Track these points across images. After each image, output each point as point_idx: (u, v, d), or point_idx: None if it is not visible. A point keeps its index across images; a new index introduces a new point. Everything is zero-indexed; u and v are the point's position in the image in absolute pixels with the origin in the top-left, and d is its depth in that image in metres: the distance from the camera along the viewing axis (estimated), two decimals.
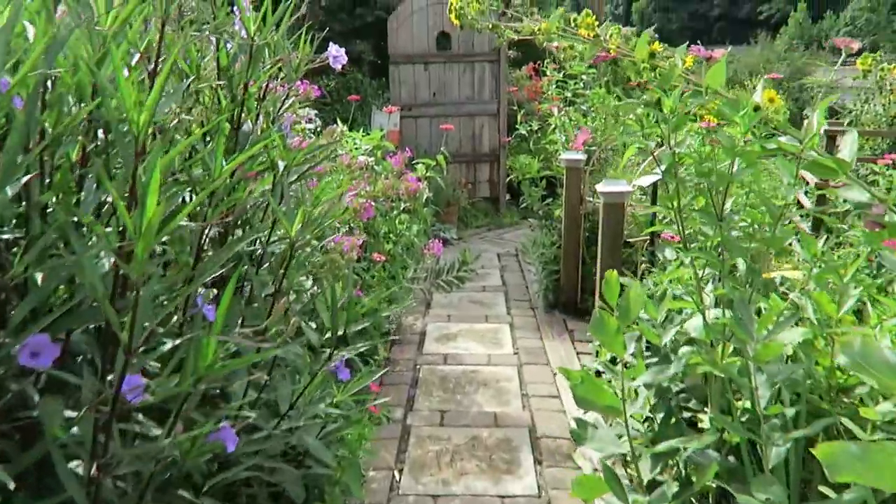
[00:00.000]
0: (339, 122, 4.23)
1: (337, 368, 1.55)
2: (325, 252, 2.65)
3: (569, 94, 4.17)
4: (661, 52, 1.75)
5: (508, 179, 4.67)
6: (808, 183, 3.43)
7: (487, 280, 5.02)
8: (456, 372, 3.43)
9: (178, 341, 1.11)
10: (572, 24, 1.77)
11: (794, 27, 46.99)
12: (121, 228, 1.06)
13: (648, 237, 3.09)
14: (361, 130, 6.38)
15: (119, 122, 1.07)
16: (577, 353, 3.68)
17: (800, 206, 3.20)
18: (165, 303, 1.15)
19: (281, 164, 1.52)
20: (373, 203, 3.07)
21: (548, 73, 4.29)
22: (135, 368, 0.96)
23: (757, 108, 1.66)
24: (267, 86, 1.68)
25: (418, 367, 3.49)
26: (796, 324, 1.62)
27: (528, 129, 4.61)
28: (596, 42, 1.77)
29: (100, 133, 1.23)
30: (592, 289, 4.25)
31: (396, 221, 3.24)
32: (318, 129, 4.39)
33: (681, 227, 1.79)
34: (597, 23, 1.81)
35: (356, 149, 3.35)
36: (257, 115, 1.63)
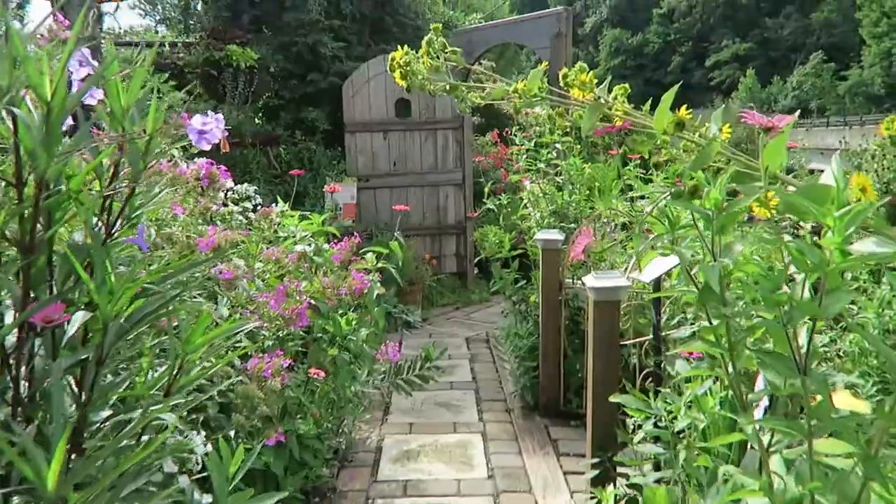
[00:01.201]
0: (278, 200, 3.67)
1: None
2: (242, 379, 2.01)
3: (542, 165, 3.69)
4: (689, 120, 1.23)
5: (478, 260, 4.11)
6: None
7: (455, 374, 4.39)
8: None
9: None
10: (562, 84, 1.25)
11: (744, 91, 49.07)
12: None
13: (649, 337, 2.53)
14: (313, 206, 5.86)
15: None
16: (564, 473, 3.04)
17: None
18: None
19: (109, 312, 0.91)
20: (311, 301, 2.47)
21: (517, 141, 3.82)
22: None
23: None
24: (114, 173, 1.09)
25: (371, 502, 2.81)
26: None
27: (497, 203, 4.12)
28: (596, 106, 1.25)
29: None
30: (578, 386, 3.67)
31: (343, 322, 2.62)
32: (257, 207, 3.82)
33: (730, 367, 1.23)
34: (595, 81, 1.29)
35: (290, 238, 2.77)
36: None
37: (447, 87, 1.40)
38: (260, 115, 6.42)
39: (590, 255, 3.88)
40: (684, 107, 1.20)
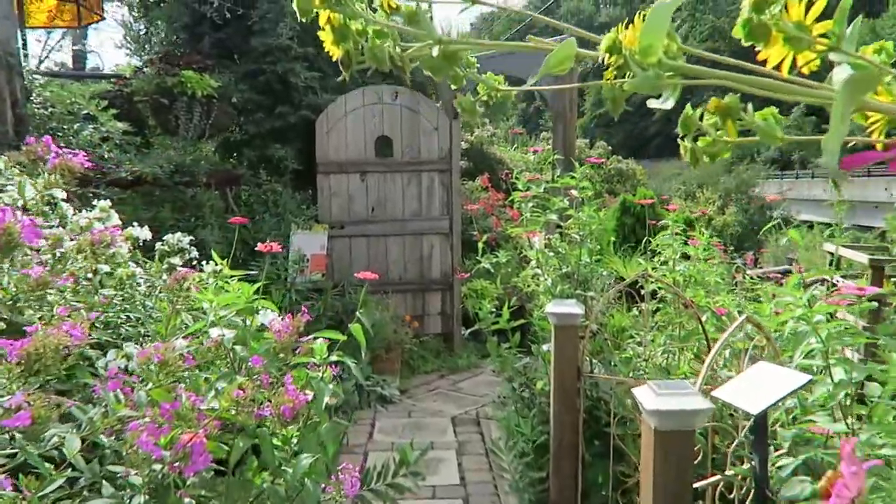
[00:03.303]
0: (210, 261, 2.86)
1: None
2: None
3: (554, 217, 2.92)
4: None
5: (470, 331, 3.29)
6: None
7: (440, 473, 3.51)
8: None
9: None
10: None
11: None
12: None
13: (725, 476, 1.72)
14: (273, 259, 5.02)
15: None
16: None
17: None
18: None
19: None
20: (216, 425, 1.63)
21: (520, 185, 3.06)
22: None
23: None
24: None
25: None
26: None
27: (494, 260, 3.32)
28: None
29: None
30: None
31: (277, 444, 1.77)
32: (194, 262, 2.99)
33: None
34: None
35: (201, 322, 1.94)
36: None
37: (431, 49, 0.61)
38: (219, 151, 5.64)
39: (616, 332, 3.09)
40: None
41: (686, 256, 3.35)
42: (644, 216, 7.59)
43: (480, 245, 3.32)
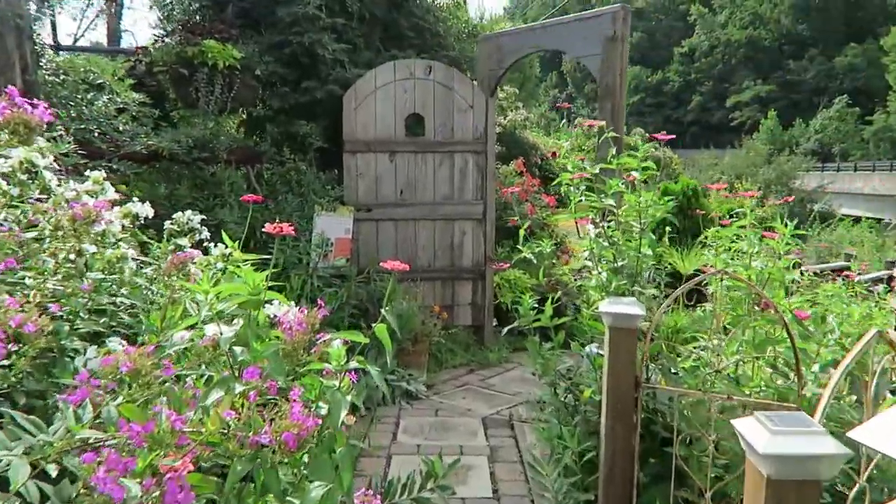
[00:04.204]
0: (218, 243, 2.55)
1: None
2: None
3: (611, 202, 2.54)
4: None
5: (507, 329, 2.96)
6: None
7: (469, 483, 3.18)
8: None
9: None
10: None
11: (765, 133, 48.07)
12: None
13: None
14: (296, 243, 4.71)
15: None
16: None
17: None
18: None
19: None
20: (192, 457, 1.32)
21: (569, 165, 2.68)
22: None
23: None
24: None
25: None
26: None
27: (537, 250, 2.96)
28: None
29: None
30: None
31: (284, 463, 1.45)
32: (205, 245, 2.69)
33: None
34: None
35: (193, 317, 1.62)
36: None
37: None
38: (241, 127, 5.34)
39: (670, 334, 2.71)
40: None
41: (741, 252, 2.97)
42: (689, 206, 7.13)
43: (522, 232, 2.95)
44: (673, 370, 2.53)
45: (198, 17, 5.24)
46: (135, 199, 2.31)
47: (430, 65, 5.23)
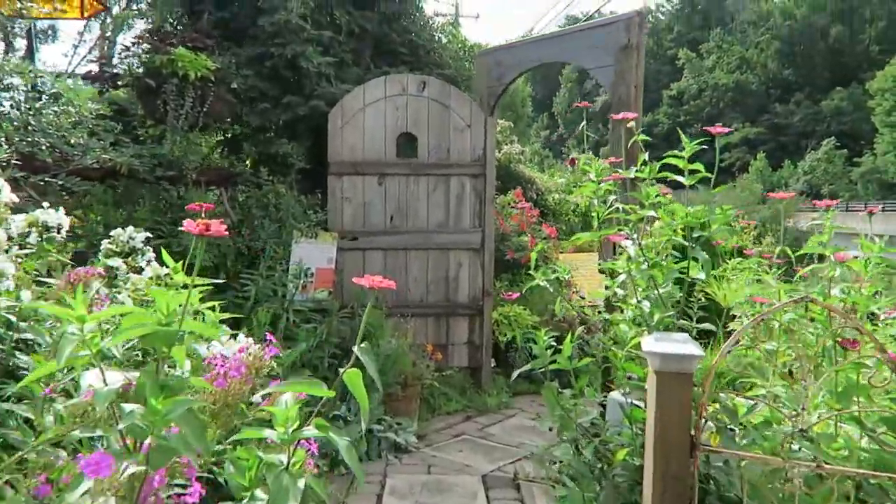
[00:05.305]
0: (156, 260, 2.06)
1: None
2: None
3: (651, 213, 2.05)
4: None
5: (518, 373, 2.42)
6: None
7: None
8: None
9: None
10: None
11: (755, 174, 48.34)
12: None
13: None
14: (270, 272, 4.16)
15: None
16: None
17: None
18: None
19: None
20: None
21: (592, 172, 2.20)
22: None
23: None
24: None
25: None
26: None
27: (553, 276, 2.44)
28: None
29: None
30: None
31: None
32: (149, 265, 2.18)
33: None
34: None
35: (50, 363, 1.09)
36: None
37: None
38: (215, 145, 4.87)
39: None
40: None
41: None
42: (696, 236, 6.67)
43: (534, 255, 2.45)
44: (731, 426, 1.99)
45: (168, 26, 4.81)
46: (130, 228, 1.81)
47: (425, 80, 4.80)
